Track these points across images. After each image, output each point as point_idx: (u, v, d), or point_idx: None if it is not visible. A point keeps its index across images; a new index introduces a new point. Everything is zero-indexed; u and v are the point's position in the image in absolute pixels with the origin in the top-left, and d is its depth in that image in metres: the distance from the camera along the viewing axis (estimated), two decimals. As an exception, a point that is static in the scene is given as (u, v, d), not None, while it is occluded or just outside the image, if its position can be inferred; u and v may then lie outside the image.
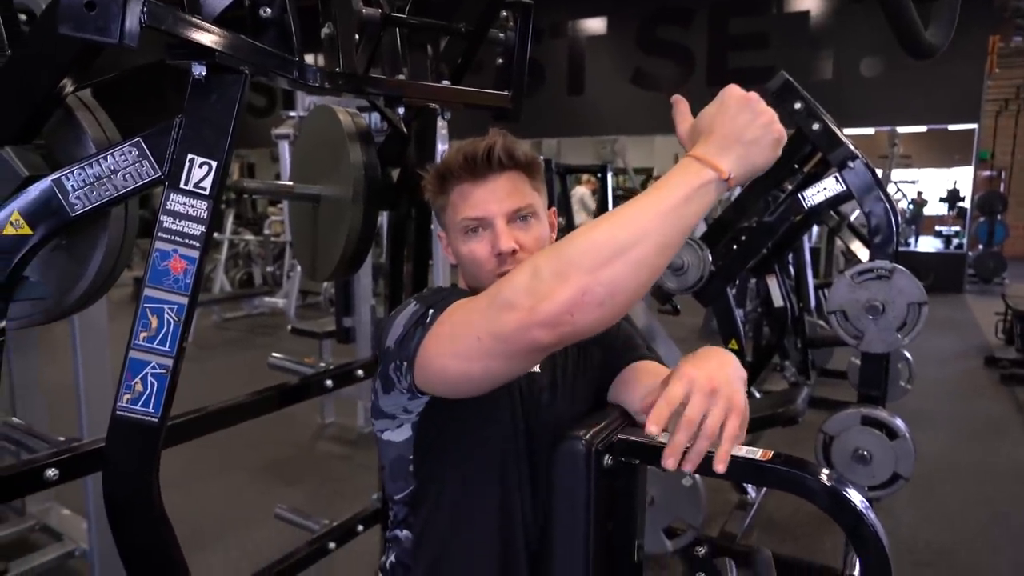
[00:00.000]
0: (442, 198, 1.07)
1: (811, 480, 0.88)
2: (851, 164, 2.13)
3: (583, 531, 0.95)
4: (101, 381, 2.10)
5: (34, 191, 0.92)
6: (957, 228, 14.51)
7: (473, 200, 1.02)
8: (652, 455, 0.97)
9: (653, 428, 0.80)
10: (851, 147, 2.14)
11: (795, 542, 2.78)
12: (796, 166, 2.53)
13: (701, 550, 1.21)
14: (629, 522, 1.00)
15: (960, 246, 11.61)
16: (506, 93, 1.44)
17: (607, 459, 0.96)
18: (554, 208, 1.15)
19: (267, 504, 2.97)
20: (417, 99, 1.35)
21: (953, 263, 9.74)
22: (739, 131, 0.78)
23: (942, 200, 15.69)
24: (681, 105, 0.89)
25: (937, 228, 15.56)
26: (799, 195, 2.22)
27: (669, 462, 0.82)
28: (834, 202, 2.25)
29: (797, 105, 2.14)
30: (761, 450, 0.92)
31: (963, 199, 15.25)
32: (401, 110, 1.35)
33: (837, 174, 2.16)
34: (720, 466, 0.81)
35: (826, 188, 2.17)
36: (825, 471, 0.92)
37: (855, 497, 0.90)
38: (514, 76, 1.41)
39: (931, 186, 16.34)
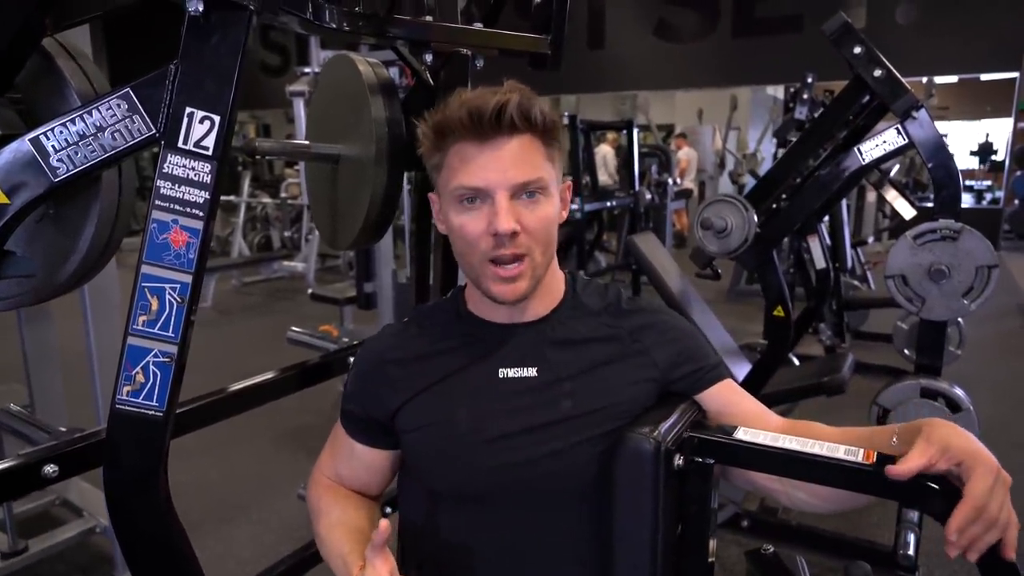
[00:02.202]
0: (437, 156, 0.90)
1: (928, 491, 0.74)
2: (915, 114, 1.95)
3: (649, 541, 0.83)
4: (115, 354, 2.00)
5: (8, 153, 0.78)
6: (989, 182, 14.11)
7: (473, 166, 0.86)
8: (730, 453, 0.85)
9: (955, 535, 0.71)
10: (915, 96, 1.95)
11: (837, 517, 2.66)
12: (851, 118, 2.34)
13: (769, 548, 1.09)
14: (702, 526, 0.88)
15: (995, 201, 11.26)
16: (545, 37, 1.28)
17: (678, 459, 0.83)
18: (568, 182, 0.97)
19: (291, 475, 2.90)
20: (446, 44, 1.20)
21: (988, 219, 9.40)
22: None
23: (972, 153, 15.26)
24: None
25: (967, 182, 15.19)
26: (855, 150, 2.04)
27: (971, 555, 0.73)
28: (891, 156, 2.07)
29: (857, 49, 1.95)
30: (861, 450, 0.79)
31: (995, 152, 14.80)
32: (428, 57, 1.20)
33: (899, 126, 1.97)
34: (1011, 553, 0.73)
35: (886, 141, 2.00)
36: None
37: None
38: (555, 16, 1.25)
39: (960, 139, 15.87)
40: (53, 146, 0.79)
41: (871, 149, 2.02)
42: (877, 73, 1.95)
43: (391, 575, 0.78)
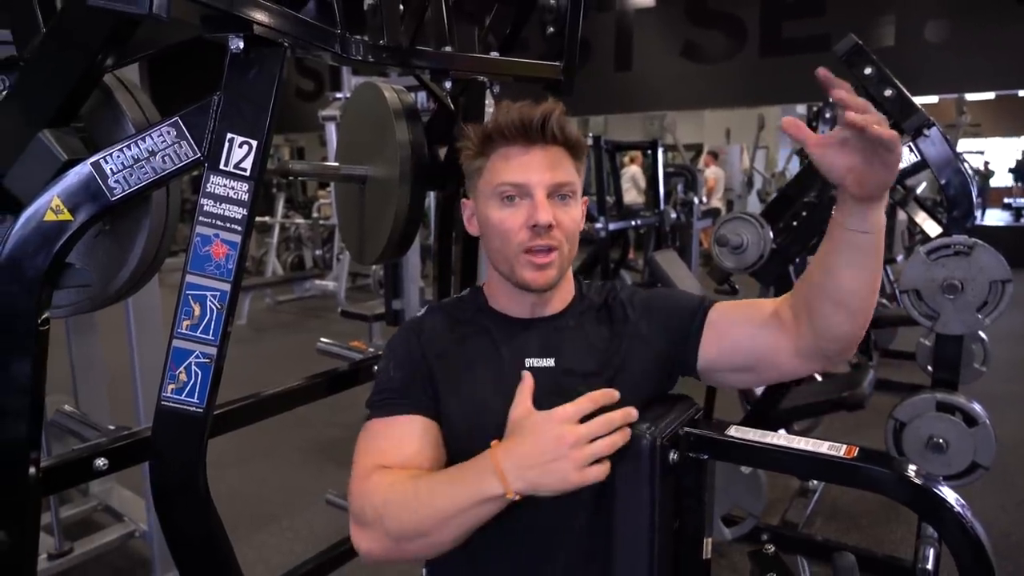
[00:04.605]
0: (480, 160, 1.00)
1: (903, 481, 0.80)
2: (927, 132, 1.98)
3: (647, 533, 0.89)
4: (156, 367, 2.12)
5: (73, 176, 0.89)
6: (1028, 200, 13.84)
7: (517, 164, 0.96)
8: (722, 449, 0.91)
9: (842, 94, 0.76)
10: (926, 114, 1.99)
11: (860, 532, 2.67)
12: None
13: (770, 548, 1.13)
14: (697, 520, 0.93)
15: (1032, 219, 11.05)
16: (558, 64, 1.36)
17: (673, 454, 0.89)
18: (586, 198, 1.08)
19: (319, 486, 2.99)
20: (464, 72, 1.29)
21: (1025, 237, 9.26)
22: (540, 454, 0.81)
23: (1011, 171, 14.99)
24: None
25: (1006, 200, 14.91)
26: (869, 167, 2.08)
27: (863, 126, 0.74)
28: (906, 173, 2.11)
29: (868, 70, 2.00)
30: (844, 446, 0.84)
31: (1034, 169, 14.52)
32: (448, 84, 1.29)
33: (911, 143, 2.01)
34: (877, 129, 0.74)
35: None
36: (912, 467, 0.84)
37: (951, 498, 0.82)
38: (567, 45, 1.33)
39: (999, 156, 15.61)
40: (111, 169, 0.89)
41: (884, 167, 2.06)
42: (888, 93, 2.00)
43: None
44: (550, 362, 1.01)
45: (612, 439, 0.82)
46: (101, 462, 1.07)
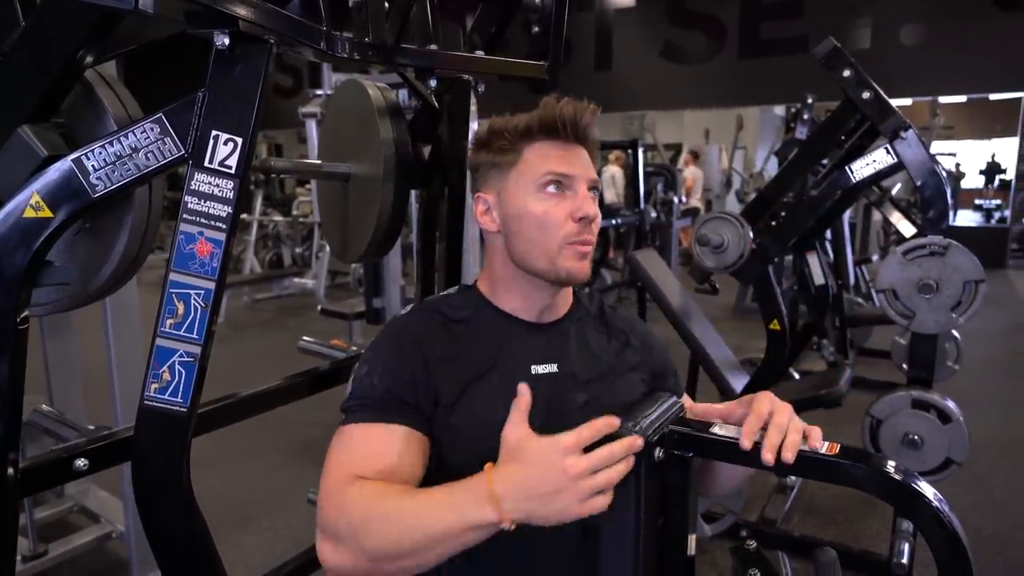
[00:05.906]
0: (511, 155, 0.99)
1: (883, 477, 0.81)
2: (903, 135, 2.02)
3: (632, 530, 0.89)
4: (134, 366, 2.09)
5: (54, 172, 0.87)
6: (998, 201, 14.12)
7: (567, 156, 0.98)
8: (706, 448, 0.91)
9: (747, 442, 0.83)
10: (903, 117, 2.03)
11: (836, 527, 2.71)
12: (843, 138, 2.41)
13: (752, 544, 1.15)
14: (681, 517, 0.94)
15: (1002, 220, 11.27)
16: (542, 63, 1.37)
17: (658, 452, 0.90)
18: None
19: (300, 486, 2.97)
20: (449, 70, 1.28)
21: (995, 237, 9.45)
22: (541, 485, 0.75)
23: (981, 173, 15.30)
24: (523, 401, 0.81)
25: (976, 201, 15.20)
26: (847, 168, 2.12)
27: (768, 456, 0.82)
28: (882, 175, 2.14)
29: (846, 72, 2.04)
30: (826, 443, 0.86)
31: (1004, 171, 14.83)
32: (433, 83, 1.28)
33: (888, 145, 2.05)
34: (816, 443, 0.84)
35: (876, 160, 2.07)
36: (892, 463, 0.85)
37: (930, 493, 0.83)
38: (552, 44, 1.33)
39: (969, 158, 15.90)
40: (93, 166, 0.88)
41: (861, 168, 2.09)
42: (866, 95, 2.03)
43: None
44: (553, 367, 1.01)
45: (617, 469, 0.77)
46: (81, 463, 1.06)
